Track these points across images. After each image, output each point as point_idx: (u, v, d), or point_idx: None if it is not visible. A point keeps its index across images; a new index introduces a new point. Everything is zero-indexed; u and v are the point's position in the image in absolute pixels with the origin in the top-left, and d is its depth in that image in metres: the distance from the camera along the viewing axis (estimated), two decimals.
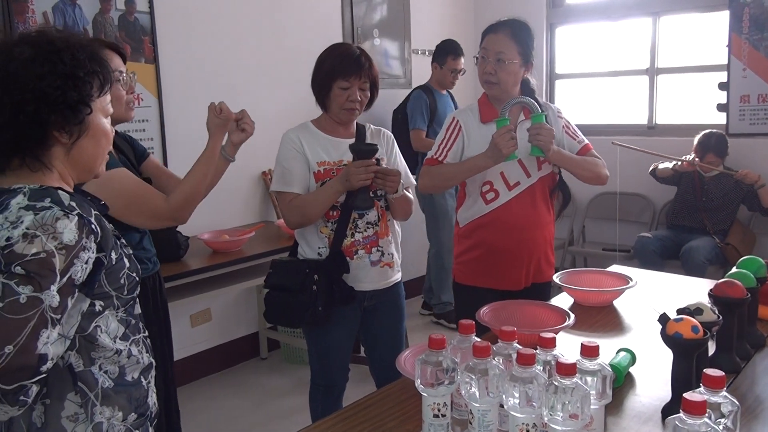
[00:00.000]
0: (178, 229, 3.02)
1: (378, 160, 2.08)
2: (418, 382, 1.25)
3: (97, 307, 1.22)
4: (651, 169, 4.29)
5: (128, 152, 2.08)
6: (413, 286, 4.84)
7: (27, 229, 1.07)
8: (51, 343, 1.07)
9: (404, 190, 2.20)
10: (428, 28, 4.85)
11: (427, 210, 4.25)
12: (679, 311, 1.46)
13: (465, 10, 5.18)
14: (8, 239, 1.07)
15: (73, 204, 1.15)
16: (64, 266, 1.09)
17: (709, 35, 4.44)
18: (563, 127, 2.30)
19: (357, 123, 2.26)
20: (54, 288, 1.07)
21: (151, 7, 3.28)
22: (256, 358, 3.96)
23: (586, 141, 2.33)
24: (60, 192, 1.16)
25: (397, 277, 2.30)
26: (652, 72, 4.65)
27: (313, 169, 2.15)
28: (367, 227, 2.17)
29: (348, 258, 2.15)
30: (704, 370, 1.07)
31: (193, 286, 3.04)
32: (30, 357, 1.03)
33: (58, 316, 1.09)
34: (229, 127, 1.97)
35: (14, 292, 1.04)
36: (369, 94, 2.19)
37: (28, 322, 1.03)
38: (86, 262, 1.14)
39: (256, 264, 3.19)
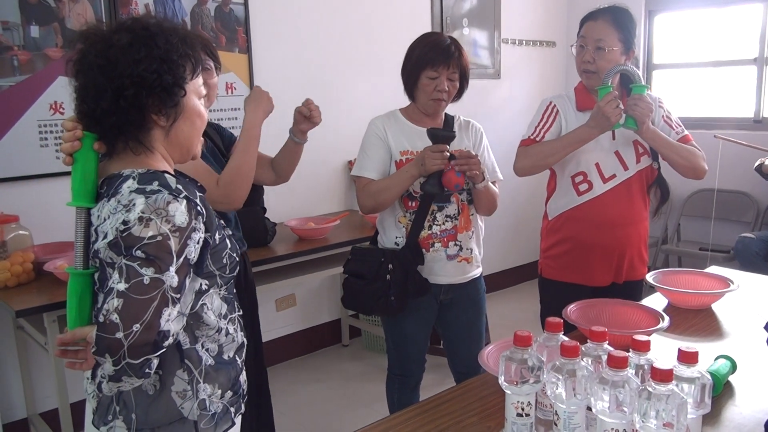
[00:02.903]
0: (266, 215, 3.09)
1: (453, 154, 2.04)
2: (501, 379, 1.21)
3: (203, 286, 1.27)
4: (757, 164, 4.01)
5: (216, 140, 2.15)
6: (495, 280, 4.78)
7: (142, 213, 1.13)
8: (172, 321, 1.14)
9: (490, 183, 2.16)
10: (519, 17, 4.74)
11: None
12: None
13: None
14: (125, 222, 1.13)
15: (180, 187, 1.20)
16: (179, 248, 1.15)
17: None
18: (663, 117, 2.19)
19: (446, 113, 2.23)
20: (173, 269, 1.13)
21: None
22: (338, 344, 4.02)
23: (686, 133, 2.20)
24: (166, 175, 1.21)
25: (477, 272, 2.26)
26: (761, 62, 4.35)
27: (395, 158, 2.14)
28: (446, 220, 2.14)
29: (424, 250, 2.13)
30: None
31: (279, 271, 3.12)
32: (154, 334, 1.11)
33: (178, 296, 1.15)
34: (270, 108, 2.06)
35: (138, 274, 1.10)
36: (458, 85, 2.14)
37: (152, 301, 1.10)
38: (198, 243, 1.20)
39: (341, 252, 3.23)
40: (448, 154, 1.99)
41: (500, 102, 4.65)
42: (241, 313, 1.42)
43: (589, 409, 1.15)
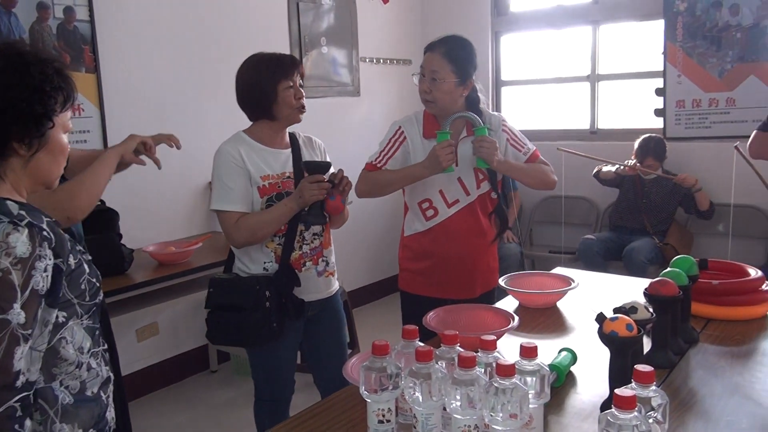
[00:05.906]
0: (122, 241, 2.96)
1: (332, 181, 2.07)
2: (362, 389, 1.25)
3: (60, 318, 1.21)
4: (594, 171, 4.40)
5: None
6: (362, 295, 4.84)
7: None
8: (23, 358, 1.09)
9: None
10: (375, 35, 4.88)
11: None
12: (615, 310, 1.50)
13: (412, 19, 5.23)
14: None
15: (23, 213, 1.14)
16: (23, 280, 1.09)
17: (646, 43, 4.60)
18: (507, 140, 2.31)
19: (288, 131, 2.22)
20: (17, 305, 1.08)
21: (91, 16, 3.21)
22: (206, 371, 3.89)
23: (533, 149, 2.36)
24: (8, 202, 1.15)
25: (337, 285, 2.32)
26: (593, 78, 4.78)
27: (257, 184, 2.09)
28: (314, 238, 2.17)
29: (296, 270, 2.14)
30: (635, 366, 1.11)
31: (138, 299, 2.98)
32: (8, 376, 1.06)
33: (29, 331, 1.10)
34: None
35: None
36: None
37: (0, 344, 1.05)
38: (45, 271, 1.14)
39: (204, 275, 3.14)
40: (328, 183, 2.03)
41: (360, 118, 4.76)
42: (105, 347, 1.35)
43: (445, 409, 1.21)
